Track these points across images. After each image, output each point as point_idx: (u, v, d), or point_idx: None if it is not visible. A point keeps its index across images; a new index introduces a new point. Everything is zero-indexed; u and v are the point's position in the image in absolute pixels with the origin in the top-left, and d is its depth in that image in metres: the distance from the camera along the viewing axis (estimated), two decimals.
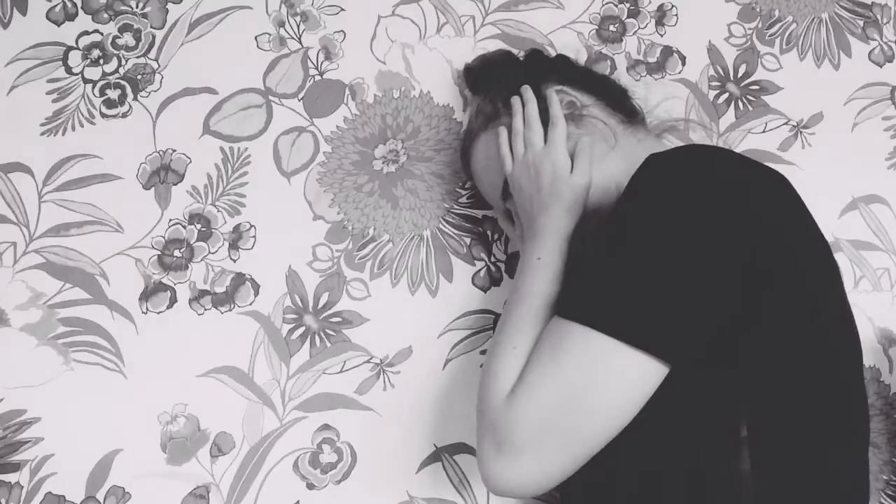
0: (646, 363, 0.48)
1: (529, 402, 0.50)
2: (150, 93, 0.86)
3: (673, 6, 0.96)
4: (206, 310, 0.81)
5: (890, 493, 0.85)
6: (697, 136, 0.91)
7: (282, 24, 0.90)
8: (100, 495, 0.75)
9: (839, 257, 0.90)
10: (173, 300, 0.81)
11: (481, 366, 0.82)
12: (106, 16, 0.88)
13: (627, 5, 0.96)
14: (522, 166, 0.68)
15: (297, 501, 0.77)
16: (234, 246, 0.83)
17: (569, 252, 0.62)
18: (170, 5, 0.89)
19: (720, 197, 0.50)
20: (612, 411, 0.49)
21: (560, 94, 0.71)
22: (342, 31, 0.90)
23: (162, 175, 0.84)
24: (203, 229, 0.83)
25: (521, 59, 0.84)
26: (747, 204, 0.50)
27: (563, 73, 0.75)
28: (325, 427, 0.79)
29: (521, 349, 0.55)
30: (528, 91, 0.72)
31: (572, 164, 0.66)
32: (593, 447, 0.50)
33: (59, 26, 0.87)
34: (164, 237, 0.82)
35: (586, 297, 0.51)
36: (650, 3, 0.96)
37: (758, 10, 0.98)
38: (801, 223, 0.55)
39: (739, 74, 0.95)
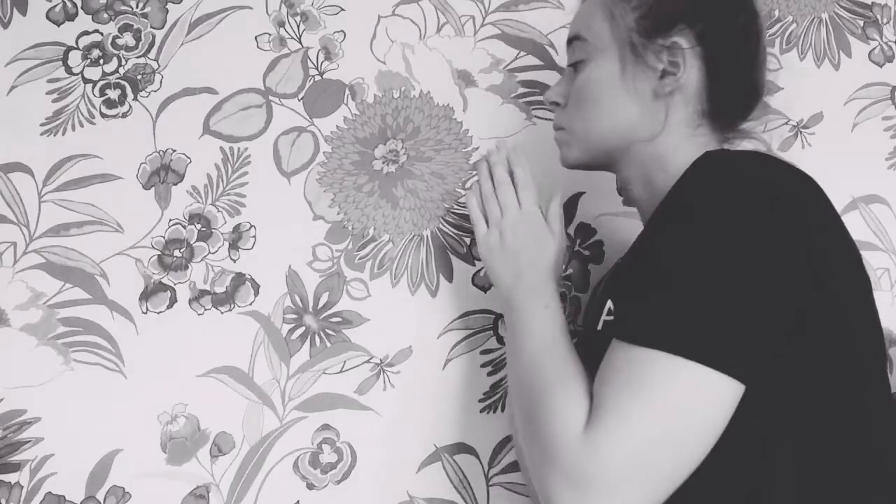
0: (731, 386, 0.47)
1: (619, 438, 0.46)
2: (150, 93, 0.86)
3: None
4: (206, 310, 0.81)
5: None
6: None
7: (282, 24, 0.90)
8: (100, 495, 0.75)
9: None
10: (173, 300, 0.81)
11: (482, 366, 0.82)
12: (106, 16, 0.88)
13: None
14: (501, 234, 0.69)
15: (297, 501, 0.77)
16: (234, 246, 0.83)
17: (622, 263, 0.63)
18: (170, 5, 0.89)
19: (782, 211, 0.49)
20: (704, 438, 0.47)
21: (670, 52, 0.62)
22: (342, 31, 0.90)
23: (162, 175, 0.84)
24: (203, 229, 0.83)
25: None
26: (805, 218, 0.50)
27: (710, 22, 0.63)
28: (325, 427, 0.79)
29: (573, 390, 0.52)
30: (496, 154, 0.72)
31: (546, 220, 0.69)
32: (684, 476, 0.48)
33: (59, 26, 0.87)
34: (164, 237, 0.82)
35: (663, 322, 0.49)
36: None
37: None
38: (841, 234, 0.54)
39: None
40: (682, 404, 0.46)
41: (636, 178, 0.67)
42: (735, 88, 0.65)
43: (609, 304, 0.60)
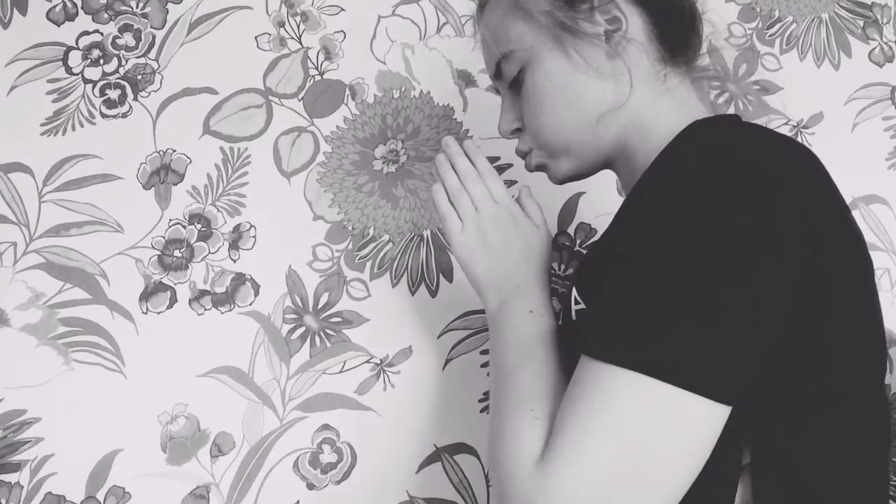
0: (711, 408, 0.41)
1: (574, 470, 0.41)
2: (150, 93, 0.86)
3: None
4: (206, 310, 0.81)
5: (890, 493, 0.85)
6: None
7: (282, 24, 0.90)
8: (100, 495, 0.75)
9: None
10: (173, 300, 0.81)
11: (482, 366, 0.82)
12: (106, 16, 0.88)
13: None
14: (479, 231, 0.61)
15: (297, 501, 0.77)
16: (234, 246, 0.83)
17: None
18: (170, 5, 0.89)
19: (778, 213, 0.43)
20: (681, 468, 0.41)
21: (602, 10, 0.56)
22: (342, 31, 0.90)
23: (162, 175, 0.84)
24: (203, 229, 0.83)
25: None
26: (804, 218, 0.44)
27: None
28: (325, 427, 0.79)
29: (540, 411, 0.47)
30: (451, 145, 0.65)
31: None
32: None
33: (59, 26, 0.87)
34: (164, 237, 0.82)
35: (630, 337, 0.43)
36: None
37: (758, 10, 0.98)
38: (843, 225, 0.48)
39: (739, 74, 0.95)
40: (650, 430, 0.40)
41: (622, 161, 0.60)
42: (680, 19, 0.59)
43: (574, 293, 0.54)
